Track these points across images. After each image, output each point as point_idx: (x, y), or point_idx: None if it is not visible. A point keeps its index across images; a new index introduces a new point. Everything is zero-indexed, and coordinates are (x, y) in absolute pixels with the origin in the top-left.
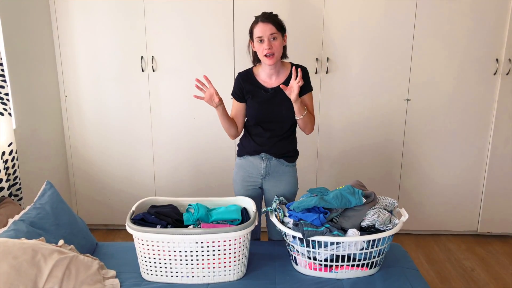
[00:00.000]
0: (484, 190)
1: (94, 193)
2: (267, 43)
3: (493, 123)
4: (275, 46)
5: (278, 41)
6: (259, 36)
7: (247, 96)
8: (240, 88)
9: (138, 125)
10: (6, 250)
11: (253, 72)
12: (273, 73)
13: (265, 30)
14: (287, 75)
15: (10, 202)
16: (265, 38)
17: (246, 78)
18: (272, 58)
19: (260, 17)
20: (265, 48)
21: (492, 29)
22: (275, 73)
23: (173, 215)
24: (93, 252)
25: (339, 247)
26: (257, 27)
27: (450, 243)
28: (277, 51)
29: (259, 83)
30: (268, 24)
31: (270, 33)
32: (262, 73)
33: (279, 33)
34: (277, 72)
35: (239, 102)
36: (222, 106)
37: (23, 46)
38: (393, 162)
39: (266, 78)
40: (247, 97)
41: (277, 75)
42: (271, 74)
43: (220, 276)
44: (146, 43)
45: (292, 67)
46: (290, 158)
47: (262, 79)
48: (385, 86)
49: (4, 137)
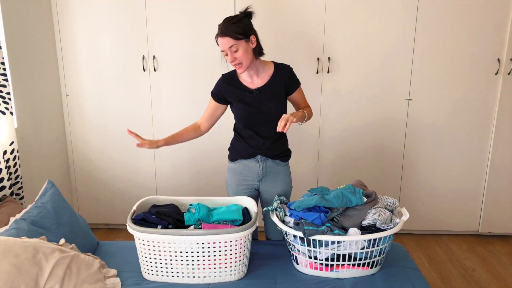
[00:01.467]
0: (485, 190)
1: (96, 192)
2: (230, 56)
3: (495, 123)
4: (238, 56)
5: (240, 51)
6: (222, 50)
7: (231, 99)
8: (221, 91)
9: (139, 125)
10: (7, 249)
11: (237, 73)
12: (253, 74)
13: (223, 44)
14: (271, 75)
15: (12, 201)
16: (227, 51)
17: (230, 80)
18: (240, 67)
19: (218, 31)
20: (230, 60)
21: (493, 29)
22: (255, 74)
23: (174, 215)
24: (94, 251)
25: (340, 246)
26: (218, 41)
27: (451, 243)
28: (243, 59)
29: (242, 85)
30: (225, 38)
31: (229, 46)
32: (244, 74)
33: (240, 42)
34: (257, 72)
35: (215, 102)
36: (164, 142)
37: (24, 45)
38: (394, 162)
39: (248, 78)
40: (230, 100)
41: (258, 75)
42: (251, 75)
43: (221, 276)
44: (147, 43)
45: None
46: (284, 157)
47: (245, 80)
48: (386, 86)
49: (6, 136)
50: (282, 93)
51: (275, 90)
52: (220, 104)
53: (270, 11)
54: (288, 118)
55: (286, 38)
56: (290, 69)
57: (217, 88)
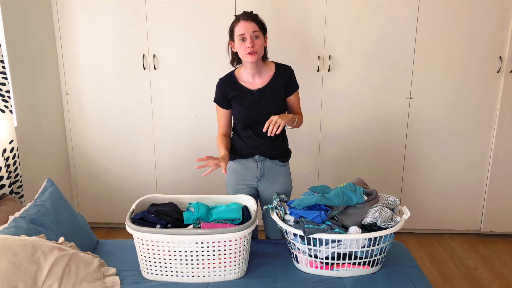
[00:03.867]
0: (487, 189)
1: (95, 191)
2: (249, 41)
3: (497, 121)
4: (257, 44)
5: (260, 40)
6: (241, 33)
7: (232, 101)
8: (223, 94)
9: (139, 123)
10: (5, 247)
11: (235, 75)
12: (256, 73)
13: (248, 27)
14: (272, 76)
15: (11, 199)
16: (247, 36)
17: (229, 83)
18: (254, 55)
19: (242, 15)
20: (248, 46)
21: (495, 27)
22: (257, 73)
23: (173, 214)
24: (93, 249)
25: (341, 244)
26: (238, 25)
27: (453, 242)
28: (259, 49)
29: (242, 87)
30: (250, 22)
31: (253, 30)
32: (244, 74)
33: (261, 32)
34: (260, 72)
35: (224, 109)
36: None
37: (24, 43)
38: (395, 161)
39: (249, 79)
40: (232, 102)
41: (259, 75)
42: (253, 74)
43: (221, 276)
44: (147, 41)
45: (276, 67)
46: (283, 158)
47: (245, 82)
48: (387, 84)
49: (5, 135)
50: (283, 94)
51: (276, 91)
52: (227, 109)
53: (271, 9)
54: (276, 120)
55: (286, 36)
56: (291, 70)
57: (219, 93)
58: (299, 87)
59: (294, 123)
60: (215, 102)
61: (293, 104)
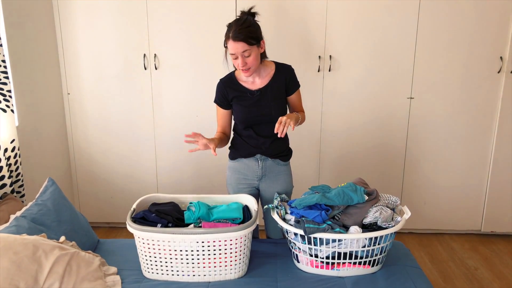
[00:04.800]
0: (488, 189)
1: (96, 190)
2: (241, 61)
3: (497, 121)
4: (249, 61)
5: (252, 56)
6: (232, 53)
7: (232, 101)
8: (224, 95)
9: (140, 123)
10: (7, 246)
11: (235, 76)
12: (255, 75)
13: (236, 48)
14: (272, 76)
15: (12, 198)
16: (238, 55)
17: (229, 83)
18: (248, 71)
19: (232, 33)
20: (239, 65)
21: (496, 27)
22: (257, 75)
23: (174, 214)
24: (94, 249)
25: (341, 244)
26: (229, 43)
27: (453, 242)
28: (252, 65)
29: (243, 87)
30: (239, 43)
31: (242, 51)
32: (243, 75)
33: (252, 47)
34: (259, 73)
35: (224, 109)
36: (216, 142)
37: (26, 43)
38: (396, 161)
39: (249, 79)
40: (232, 102)
41: (259, 76)
42: (253, 76)
43: (221, 275)
44: (148, 41)
45: (276, 66)
46: (284, 157)
47: (245, 82)
48: (388, 84)
49: (7, 134)
50: (283, 94)
51: (276, 91)
52: (227, 110)
53: (272, 9)
54: (286, 121)
55: (287, 36)
56: (292, 69)
57: (219, 93)
58: (300, 85)
59: (298, 121)
60: (215, 103)
61: (294, 102)
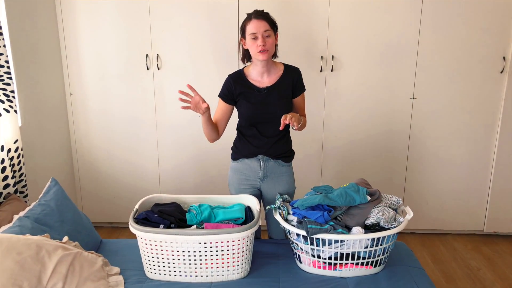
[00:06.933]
0: (490, 189)
1: (99, 191)
2: (261, 39)
3: (500, 121)
4: (268, 43)
5: (271, 39)
6: (253, 32)
7: (238, 98)
8: (230, 90)
9: (142, 123)
10: (10, 246)
11: (244, 73)
12: (265, 71)
13: (259, 26)
14: (280, 76)
15: (15, 199)
16: (259, 34)
17: (237, 79)
18: (265, 53)
19: (254, 14)
20: (259, 44)
21: (498, 27)
22: (266, 71)
23: (176, 214)
24: (97, 249)
25: (344, 245)
26: (250, 23)
27: (456, 243)
28: (270, 48)
29: (251, 84)
30: (262, 21)
31: (264, 29)
32: (253, 72)
33: (272, 31)
34: (269, 71)
35: (226, 103)
36: (208, 113)
37: (29, 44)
38: (398, 161)
39: (258, 77)
40: (238, 99)
41: (268, 74)
42: (262, 73)
43: (224, 276)
44: (151, 41)
45: (284, 68)
46: (287, 158)
47: (253, 79)
48: (390, 84)
49: (10, 134)
50: (289, 94)
51: (283, 91)
52: (229, 105)
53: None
54: (290, 118)
55: (289, 36)
56: (299, 72)
57: (226, 88)
58: (305, 89)
59: (300, 123)
60: (219, 97)
61: (298, 106)
